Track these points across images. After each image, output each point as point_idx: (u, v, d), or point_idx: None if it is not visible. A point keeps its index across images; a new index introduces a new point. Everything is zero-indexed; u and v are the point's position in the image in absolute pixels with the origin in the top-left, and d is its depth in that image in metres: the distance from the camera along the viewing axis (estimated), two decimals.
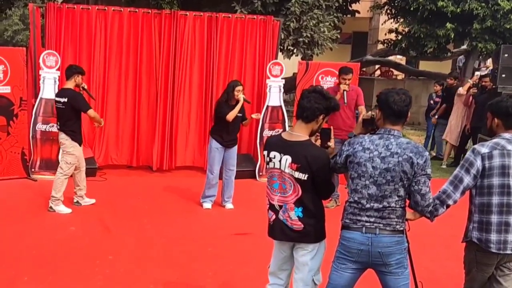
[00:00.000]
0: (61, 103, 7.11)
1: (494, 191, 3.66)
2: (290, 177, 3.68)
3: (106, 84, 9.42)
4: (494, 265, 3.77)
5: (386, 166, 3.46)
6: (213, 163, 7.54)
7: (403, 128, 3.66)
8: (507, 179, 3.65)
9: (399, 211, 3.51)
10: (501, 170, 3.65)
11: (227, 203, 7.80)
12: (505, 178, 3.65)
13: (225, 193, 7.80)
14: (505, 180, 3.65)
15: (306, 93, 3.75)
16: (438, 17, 14.77)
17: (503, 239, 3.67)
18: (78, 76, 7.20)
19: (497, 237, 3.67)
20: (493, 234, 3.68)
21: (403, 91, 3.59)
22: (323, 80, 9.69)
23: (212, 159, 7.55)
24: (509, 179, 3.65)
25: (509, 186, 3.65)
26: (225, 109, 7.40)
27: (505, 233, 3.67)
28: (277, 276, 3.99)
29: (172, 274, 5.43)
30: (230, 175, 7.76)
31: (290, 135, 3.78)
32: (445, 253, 6.25)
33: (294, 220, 3.72)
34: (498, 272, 3.79)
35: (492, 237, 3.68)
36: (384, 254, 3.49)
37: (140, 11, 9.42)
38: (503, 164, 3.65)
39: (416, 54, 17.03)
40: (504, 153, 3.67)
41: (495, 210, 3.67)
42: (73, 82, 7.20)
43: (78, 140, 7.23)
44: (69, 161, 7.15)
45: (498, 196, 3.66)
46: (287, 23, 11.63)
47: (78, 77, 7.20)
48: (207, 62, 9.74)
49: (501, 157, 3.66)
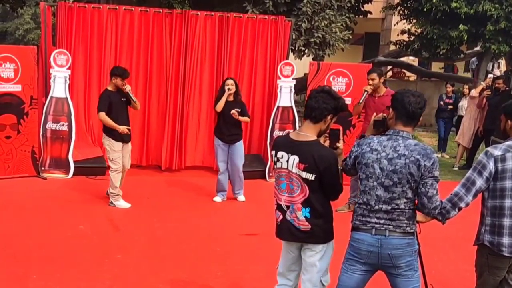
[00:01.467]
0: None
1: (507, 194, 3.61)
2: (298, 177, 3.66)
3: None
4: (506, 269, 3.72)
5: (393, 168, 3.43)
6: (218, 160, 7.89)
7: (414, 130, 3.63)
8: None
9: (408, 213, 3.48)
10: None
11: (239, 196, 8.10)
12: None
13: (235, 188, 8.08)
14: None
15: (314, 93, 3.72)
16: (451, 18, 14.65)
17: None
18: (116, 78, 7.18)
19: (509, 241, 3.62)
20: (506, 237, 3.62)
21: (419, 94, 3.57)
22: (334, 81, 9.63)
23: (216, 155, 7.91)
24: None
25: None
26: (216, 103, 7.76)
27: None
28: (285, 276, 3.98)
29: (181, 273, 5.42)
30: (235, 170, 7.92)
31: (297, 135, 3.75)
32: (456, 256, 6.21)
33: (301, 220, 3.70)
34: (510, 276, 3.74)
35: (504, 241, 3.62)
36: (394, 256, 3.47)
37: (151, 10, 9.42)
38: None
39: (429, 56, 16.92)
40: None
41: (507, 213, 3.62)
42: (112, 83, 7.25)
43: (113, 136, 7.27)
44: (111, 157, 7.31)
45: (510, 199, 3.60)
46: (298, 23, 11.56)
47: (117, 79, 7.17)
48: (218, 62, 9.74)
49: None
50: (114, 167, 7.31)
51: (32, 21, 31.82)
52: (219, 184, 8.02)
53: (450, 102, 12.92)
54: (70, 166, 8.78)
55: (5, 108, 8.37)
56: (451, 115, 13.19)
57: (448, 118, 13.07)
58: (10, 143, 8.46)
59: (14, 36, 32.05)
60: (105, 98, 7.22)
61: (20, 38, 31.79)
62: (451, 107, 12.92)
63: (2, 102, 8.34)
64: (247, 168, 9.48)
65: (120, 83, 7.19)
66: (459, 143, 11.98)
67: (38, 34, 28.25)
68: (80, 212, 7.13)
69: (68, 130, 8.74)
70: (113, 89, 7.26)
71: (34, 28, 31.59)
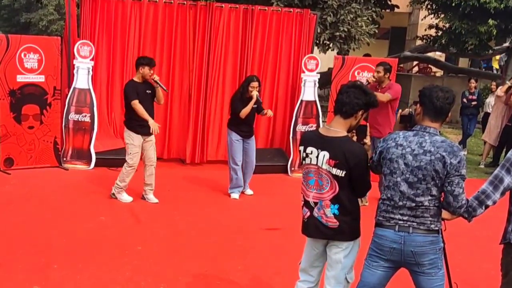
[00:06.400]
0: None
1: None
2: (327, 174, 3.61)
3: None
4: None
5: (418, 164, 3.39)
6: (236, 154, 7.72)
7: (441, 127, 3.57)
8: None
9: (433, 210, 3.43)
10: None
11: (247, 189, 8.07)
12: None
13: (245, 181, 8.02)
14: None
15: (345, 88, 3.69)
16: (480, 13, 14.43)
17: None
18: (143, 67, 7.01)
19: None
20: None
21: (448, 89, 3.52)
22: (359, 75, 9.51)
23: (235, 151, 7.71)
24: None
25: None
26: (238, 105, 7.54)
27: None
28: (308, 273, 3.95)
29: (201, 266, 5.40)
30: (250, 164, 7.89)
31: (327, 131, 3.69)
32: (482, 254, 6.15)
33: (329, 217, 3.66)
34: None
35: None
36: (417, 253, 3.43)
37: (176, 2, 9.38)
38: None
39: (456, 51, 16.71)
40: None
41: None
42: (139, 73, 7.07)
43: (134, 129, 7.08)
44: (131, 151, 7.14)
45: None
46: (324, 17, 11.49)
47: (144, 68, 7.00)
48: (242, 56, 9.69)
49: None
50: (130, 162, 7.15)
51: (55, 12, 32.03)
52: (237, 180, 7.82)
53: (474, 98, 12.74)
54: (92, 157, 8.81)
55: (28, 98, 8.40)
56: (476, 112, 13.02)
57: (472, 115, 12.88)
58: (32, 133, 8.50)
59: (38, 27, 32.32)
60: (133, 87, 7.03)
61: (43, 29, 32.06)
62: (474, 103, 12.74)
63: (26, 92, 8.37)
64: (270, 162, 9.47)
65: (147, 72, 7.02)
66: (485, 141, 11.82)
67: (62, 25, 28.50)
68: (101, 203, 7.15)
69: (90, 122, 8.76)
70: (139, 80, 7.08)
71: (58, 19, 31.82)
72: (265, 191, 8.28)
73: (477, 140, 13.75)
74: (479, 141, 13.45)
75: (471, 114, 12.85)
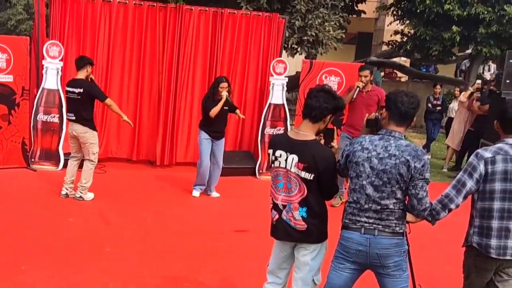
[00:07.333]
0: (76, 94, 7.07)
1: (496, 196, 3.63)
2: (296, 177, 3.64)
3: (109, 76, 9.39)
4: (493, 271, 3.75)
5: (383, 168, 3.44)
6: (202, 153, 7.80)
7: (406, 131, 3.64)
8: (509, 185, 3.61)
9: (398, 213, 3.49)
10: (503, 175, 3.61)
11: (213, 192, 8.10)
12: (507, 184, 3.61)
13: (211, 184, 8.05)
14: (507, 186, 3.61)
15: (315, 92, 3.69)
16: (444, 20, 14.73)
17: (503, 244, 3.64)
18: (89, 67, 7.21)
19: (497, 243, 3.65)
20: (493, 239, 3.65)
21: (413, 94, 3.58)
22: (326, 79, 9.66)
23: (202, 149, 7.80)
24: (511, 184, 3.62)
25: (511, 191, 3.62)
26: (209, 105, 7.64)
27: (505, 238, 3.64)
28: (276, 274, 3.97)
29: (170, 268, 5.42)
30: (216, 167, 7.95)
31: (296, 134, 3.73)
32: (444, 257, 6.24)
33: (298, 220, 3.69)
34: (496, 278, 3.77)
35: (492, 242, 3.65)
36: (382, 255, 3.48)
37: (145, 4, 9.38)
38: (505, 170, 3.61)
39: (421, 57, 16.99)
40: (507, 158, 3.63)
41: (496, 216, 3.64)
42: (85, 72, 7.17)
43: (95, 129, 7.26)
44: (96, 151, 7.24)
45: (499, 202, 3.63)
46: (292, 21, 11.59)
47: (90, 68, 7.21)
48: (211, 58, 9.73)
49: (504, 162, 3.62)
50: (95, 161, 7.31)
51: (24, 12, 31.41)
52: (202, 177, 7.93)
53: (438, 103, 12.94)
54: (60, 158, 8.74)
55: None
56: (440, 117, 13.26)
57: (436, 120, 13.12)
58: (0, 133, 8.42)
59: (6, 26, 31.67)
60: (97, 85, 7.33)
61: (12, 28, 31.41)
62: (439, 108, 12.96)
63: None
64: (238, 164, 9.53)
65: (90, 72, 7.29)
66: (448, 145, 12.07)
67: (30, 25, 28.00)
68: (70, 204, 7.11)
69: (59, 122, 8.70)
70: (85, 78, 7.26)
71: (27, 19, 31.20)
72: (234, 193, 8.34)
73: (441, 145, 13.99)
74: (442, 146, 13.68)
75: (436, 119, 13.08)
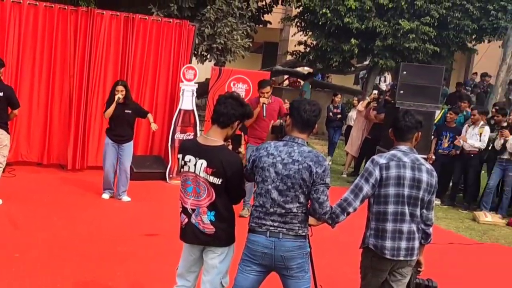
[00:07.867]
0: None
1: (390, 200, 3.82)
2: (205, 181, 3.73)
3: (19, 78, 9.14)
4: (388, 271, 3.92)
5: (287, 173, 3.56)
6: (104, 157, 7.90)
7: (309, 137, 3.81)
8: (402, 189, 3.80)
9: (301, 217, 3.62)
10: (396, 180, 3.81)
11: (123, 196, 8.10)
12: (400, 188, 3.80)
13: (120, 188, 8.05)
14: (400, 190, 3.80)
15: (223, 98, 3.78)
16: (344, 32, 15.31)
17: (396, 246, 3.83)
18: (0, 68, 7.02)
19: (391, 244, 3.83)
20: (388, 241, 3.83)
21: (315, 103, 3.75)
22: (234, 86, 9.89)
23: (104, 154, 7.90)
24: (403, 189, 3.80)
25: (403, 195, 3.80)
26: (106, 108, 7.77)
27: (398, 240, 3.82)
28: (185, 278, 4.03)
29: (81, 272, 5.37)
30: (123, 170, 7.97)
31: (205, 140, 3.82)
32: (343, 259, 6.40)
33: (206, 223, 3.78)
34: (391, 277, 3.95)
35: (386, 244, 3.83)
36: (286, 258, 3.60)
37: (56, 6, 9.21)
38: (398, 175, 3.81)
39: (322, 67, 17.53)
40: (400, 164, 3.84)
41: (390, 218, 3.82)
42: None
43: (9, 131, 7.17)
44: (6, 154, 7.08)
45: (393, 205, 3.81)
46: (201, 29, 11.70)
47: (1, 69, 7.03)
48: (122, 63, 9.69)
49: (397, 168, 3.82)
50: (3, 164, 7.16)
51: None
52: (106, 181, 8.02)
53: (338, 112, 13.34)
54: None
55: None
56: (341, 124, 13.73)
57: (337, 127, 13.58)
58: None
59: None
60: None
61: None
62: (339, 116, 13.40)
63: None
64: (148, 169, 9.54)
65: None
66: (348, 152, 12.55)
67: None
68: None
69: None
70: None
71: None
72: (144, 198, 8.34)
73: (340, 151, 14.48)
74: (342, 152, 14.14)
75: (337, 126, 13.52)
